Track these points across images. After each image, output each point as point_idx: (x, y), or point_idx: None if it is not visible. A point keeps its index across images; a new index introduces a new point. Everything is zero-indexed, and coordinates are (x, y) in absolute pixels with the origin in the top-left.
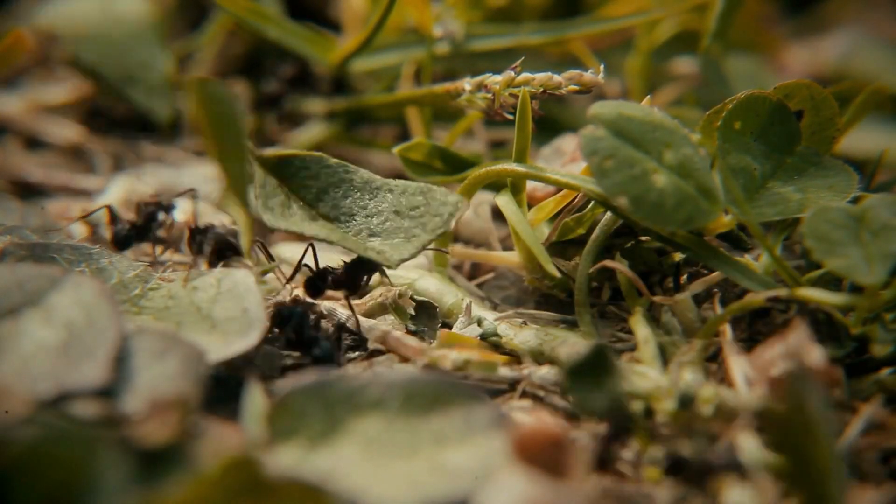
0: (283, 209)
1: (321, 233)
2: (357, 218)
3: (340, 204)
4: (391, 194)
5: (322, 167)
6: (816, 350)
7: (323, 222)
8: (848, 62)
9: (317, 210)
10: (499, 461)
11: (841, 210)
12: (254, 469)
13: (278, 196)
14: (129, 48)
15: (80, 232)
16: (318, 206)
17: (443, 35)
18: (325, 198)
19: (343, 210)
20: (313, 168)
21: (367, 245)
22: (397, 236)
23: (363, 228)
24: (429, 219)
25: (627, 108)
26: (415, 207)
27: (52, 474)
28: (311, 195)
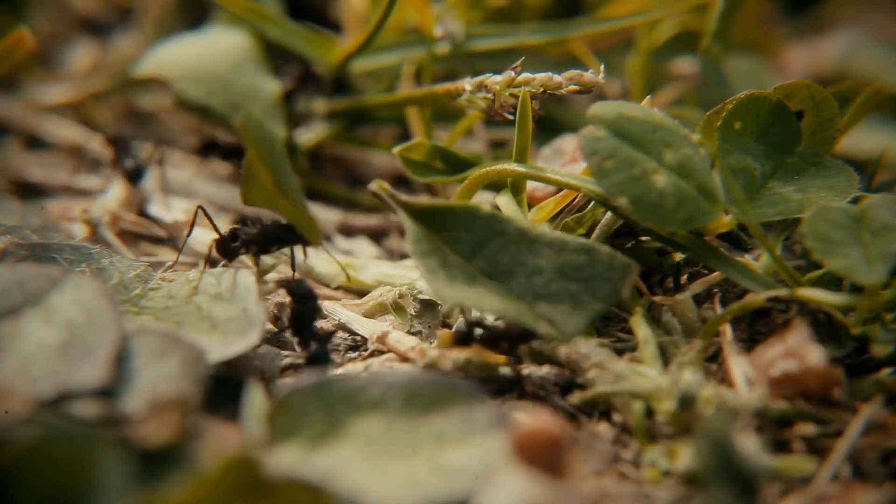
0: (443, 269)
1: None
2: (518, 276)
3: (498, 259)
4: (550, 250)
5: (475, 218)
6: (816, 350)
7: (484, 281)
8: (848, 62)
9: (474, 265)
10: (499, 461)
11: (841, 210)
12: (254, 469)
13: (436, 254)
14: (234, 79)
15: (81, 232)
16: (474, 260)
17: (443, 35)
18: (481, 252)
19: (501, 266)
20: (466, 219)
21: (537, 313)
22: (563, 302)
23: (527, 290)
24: (597, 284)
25: (628, 109)
26: (579, 268)
27: (52, 474)
28: (467, 249)
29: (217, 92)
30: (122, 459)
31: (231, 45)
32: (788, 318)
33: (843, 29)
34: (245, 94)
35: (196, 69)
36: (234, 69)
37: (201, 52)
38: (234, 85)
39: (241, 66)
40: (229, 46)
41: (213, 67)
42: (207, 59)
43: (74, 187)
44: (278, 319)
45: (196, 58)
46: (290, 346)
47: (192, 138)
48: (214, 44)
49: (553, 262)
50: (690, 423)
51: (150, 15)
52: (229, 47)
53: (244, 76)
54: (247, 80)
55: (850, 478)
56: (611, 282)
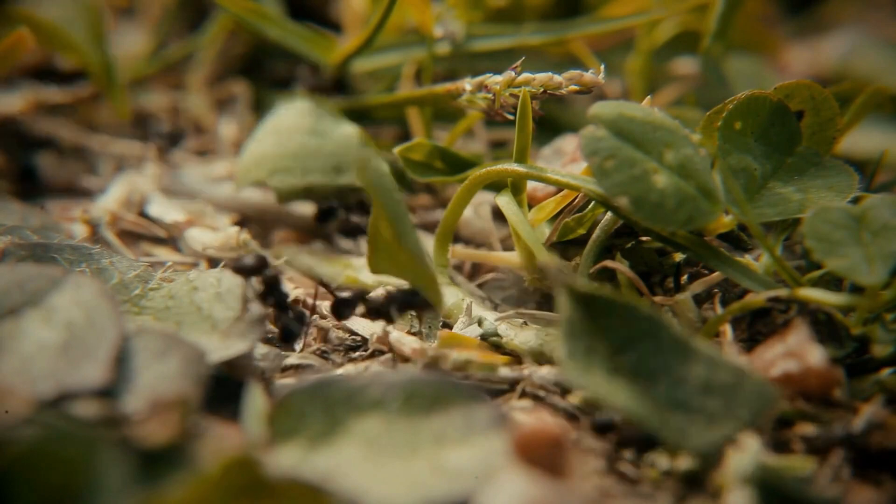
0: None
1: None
2: (661, 381)
3: (646, 360)
4: (700, 364)
5: (634, 315)
6: (816, 350)
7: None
8: (848, 62)
9: (619, 361)
10: (499, 461)
11: (841, 210)
12: (254, 469)
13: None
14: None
15: (81, 232)
16: (622, 355)
17: (443, 35)
18: (630, 349)
19: (647, 368)
20: (624, 313)
21: (669, 422)
22: (699, 415)
23: (667, 397)
24: (738, 408)
25: (628, 109)
26: (726, 388)
27: (53, 474)
28: (617, 343)
29: (313, 167)
30: (122, 460)
31: (296, 115)
32: (788, 318)
33: (843, 29)
34: (338, 153)
35: (279, 157)
36: (315, 136)
37: (276, 140)
38: (320, 150)
39: (318, 130)
40: (296, 117)
41: (292, 146)
42: (284, 141)
43: (74, 187)
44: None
45: (275, 146)
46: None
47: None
48: (283, 123)
49: (700, 377)
50: None
51: (150, 15)
52: (296, 118)
53: (324, 136)
54: (328, 138)
55: (850, 478)
56: (753, 408)
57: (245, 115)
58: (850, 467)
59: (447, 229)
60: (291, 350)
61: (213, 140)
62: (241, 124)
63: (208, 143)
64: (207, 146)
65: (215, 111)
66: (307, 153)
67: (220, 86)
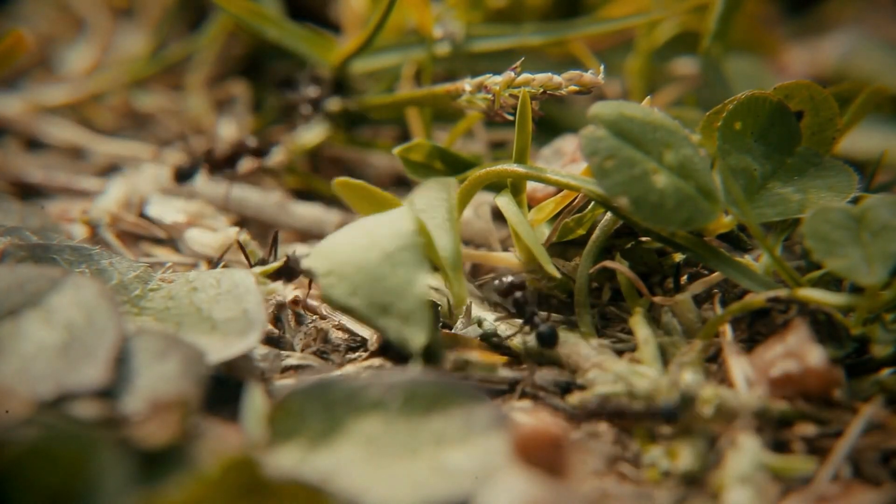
0: None
1: None
2: None
3: None
4: None
5: None
6: (816, 350)
7: None
8: (848, 63)
9: None
10: (499, 461)
11: (841, 210)
12: (254, 470)
13: None
14: (385, 273)
15: (81, 233)
16: None
17: (443, 36)
18: None
19: None
20: None
21: None
22: None
23: None
24: None
25: (628, 109)
26: None
27: (53, 475)
28: None
29: (363, 289)
30: (122, 460)
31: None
32: (788, 318)
33: (842, 29)
34: (394, 292)
35: (346, 262)
36: (387, 261)
37: (357, 241)
38: (383, 281)
39: (395, 257)
40: (388, 234)
41: (363, 259)
42: (360, 248)
43: (74, 188)
44: (278, 320)
45: (349, 247)
46: (289, 347)
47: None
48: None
49: None
50: (690, 424)
51: (150, 16)
52: (388, 235)
53: (397, 268)
54: (399, 274)
55: (850, 478)
56: None
57: (245, 116)
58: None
59: None
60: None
61: (213, 141)
62: (240, 125)
63: (208, 143)
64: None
65: (215, 112)
66: (367, 274)
67: (219, 86)
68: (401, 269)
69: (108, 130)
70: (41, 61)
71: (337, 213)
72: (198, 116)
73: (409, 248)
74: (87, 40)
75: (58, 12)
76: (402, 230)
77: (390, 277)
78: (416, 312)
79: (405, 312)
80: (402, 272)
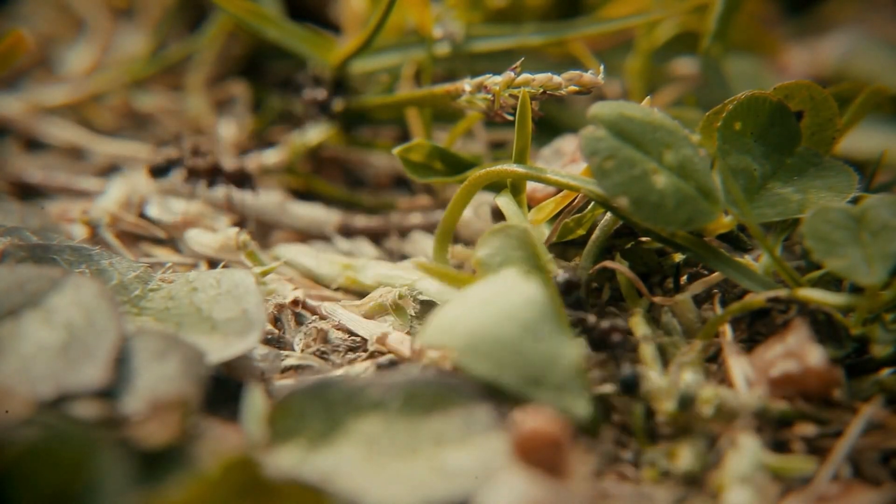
0: None
1: None
2: None
3: None
4: None
5: None
6: (816, 350)
7: None
8: (848, 63)
9: None
10: (499, 462)
11: (841, 210)
12: (254, 470)
13: None
14: (528, 346)
15: (81, 233)
16: None
17: (443, 36)
18: None
19: None
20: None
21: None
22: None
23: None
24: None
25: (628, 109)
26: None
27: (53, 475)
28: None
29: (508, 364)
30: (122, 460)
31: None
32: (788, 318)
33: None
34: (543, 364)
35: (481, 337)
36: (527, 333)
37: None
38: (528, 353)
39: (534, 328)
40: (520, 303)
41: (500, 333)
42: (494, 322)
43: (74, 188)
44: (278, 321)
45: (480, 322)
46: (289, 347)
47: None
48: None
49: None
50: (690, 424)
51: (150, 16)
52: (520, 304)
53: (540, 341)
54: (543, 345)
55: (850, 478)
56: None
57: (244, 117)
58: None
59: (447, 230)
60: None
61: (213, 141)
62: (240, 125)
63: (208, 144)
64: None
65: (215, 112)
66: (509, 349)
67: (219, 87)
68: (545, 341)
69: (108, 130)
70: (41, 61)
71: (337, 213)
72: (198, 116)
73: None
74: (87, 40)
75: (58, 12)
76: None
77: (536, 350)
78: (572, 382)
79: (560, 383)
80: (547, 344)
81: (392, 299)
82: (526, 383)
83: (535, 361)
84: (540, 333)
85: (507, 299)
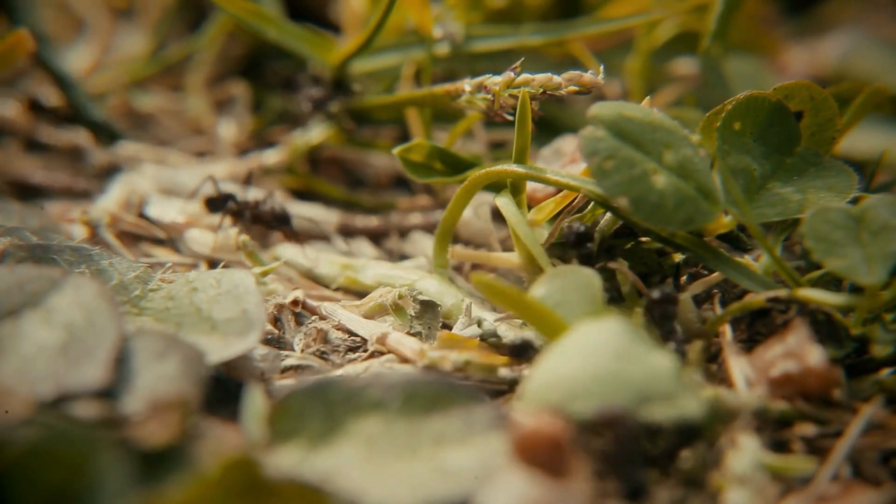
0: None
1: None
2: None
3: None
4: None
5: None
6: (816, 350)
7: None
8: (848, 63)
9: None
10: (499, 461)
11: (841, 210)
12: (254, 470)
13: None
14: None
15: (81, 233)
16: None
17: (443, 36)
18: None
19: None
20: None
21: None
22: None
23: None
24: None
25: (627, 109)
26: None
27: (53, 475)
28: None
29: (613, 393)
30: (122, 460)
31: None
32: (788, 318)
33: (842, 29)
34: (645, 381)
35: (580, 381)
36: (621, 361)
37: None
38: (628, 377)
39: (627, 355)
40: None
41: (597, 370)
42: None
43: (74, 189)
44: (278, 321)
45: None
46: (289, 347)
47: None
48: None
49: None
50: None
51: (150, 16)
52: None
53: (636, 363)
54: (640, 365)
55: (850, 478)
56: None
57: (244, 117)
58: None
59: (447, 230)
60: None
61: (213, 141)
62: (240, 125)
63: (208, 144)
64: (207, 147)
65: (215, 112)
66: (610, 378)
67: (219, 87)
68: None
69: None
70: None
71: (337, 214)
72: (197, 117)
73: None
74: (87, 40)
75: (58, 12)
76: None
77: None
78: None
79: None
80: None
81: (392, 299)
82: (636, 403)
83: (637, 382)
84: (633, 356)
85: (590, 341)
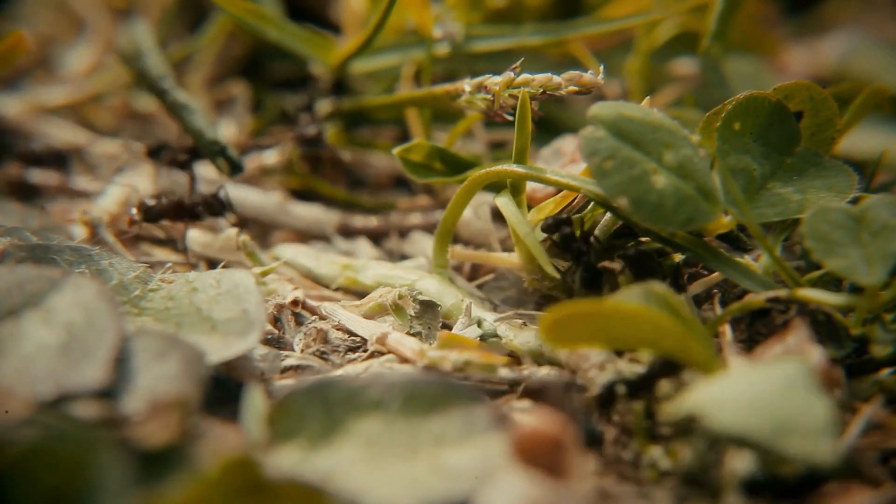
0: None
1: None
2: None
3: None
4: None
5: None
6: (816, 350)
7: None
8: (848, 63)
9: None
10: (499, 462)
11: (841, 210)
12: (254, 470)
13: None
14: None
15: (81, 233)
16: None
17: (442, 36)
18: None
19: None
20: None
21: None
22: None
23: None
24: None
25: (627, 109)
26: None
27: (52, 475)
28: None
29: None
30: (122, 460)
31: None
32: (788, 318)
33: (842, 29)
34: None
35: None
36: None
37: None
38: (779, 408)
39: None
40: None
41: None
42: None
43: (74, 189)
44: (278, 321)
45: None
46: (289, 347)
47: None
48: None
49: None
50: (690, 424)
51: (150, 16)
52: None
53: (792, 397)
54: (795, 401)
55: (850, 478)
56: None
57: (244, 116)
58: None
59: (446, 230)
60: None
61: None
62: (240, 125)
63: None
64: None
65: (215, 112)
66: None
67: (219, 87)
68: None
69: (108, 130)
70: (41, 62)
71: (336, 214)
72: None
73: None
74: (87, 40)
75: (58, 12)
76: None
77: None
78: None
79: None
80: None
81: (392, 299)
82: (774, 434)
83: (785, 416)
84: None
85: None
